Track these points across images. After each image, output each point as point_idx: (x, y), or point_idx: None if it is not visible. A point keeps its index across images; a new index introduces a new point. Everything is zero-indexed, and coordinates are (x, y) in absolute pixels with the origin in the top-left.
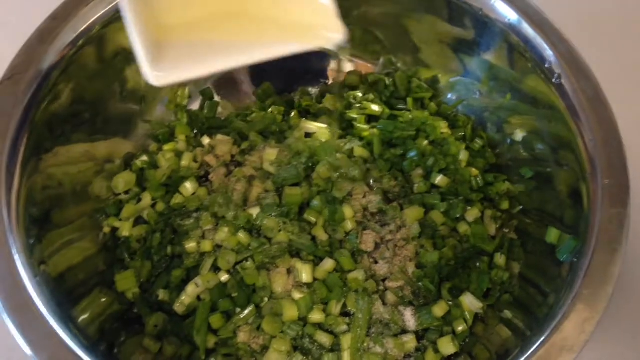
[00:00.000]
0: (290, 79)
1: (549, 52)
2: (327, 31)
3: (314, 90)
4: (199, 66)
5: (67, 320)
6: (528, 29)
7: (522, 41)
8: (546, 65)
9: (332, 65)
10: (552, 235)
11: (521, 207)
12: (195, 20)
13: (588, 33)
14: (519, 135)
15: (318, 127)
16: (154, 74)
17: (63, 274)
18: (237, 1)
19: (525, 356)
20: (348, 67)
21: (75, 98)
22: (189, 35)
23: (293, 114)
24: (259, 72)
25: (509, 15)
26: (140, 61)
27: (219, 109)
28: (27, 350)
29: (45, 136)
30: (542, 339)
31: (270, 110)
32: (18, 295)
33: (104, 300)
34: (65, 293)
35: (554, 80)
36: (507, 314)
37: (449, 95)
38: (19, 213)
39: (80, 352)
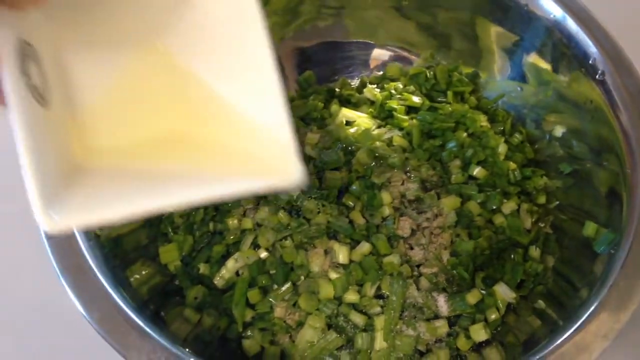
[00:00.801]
0: (332, 68)
1: (592, 49)
2: (284, 170)
3: (354, 81)
4: (117, 207)
5: (117, 284)
6: (572, 25)
7: (566, 37)
8: (590, 62)
9: (374, 55)
10: (590, 228)
11: (558, 202)
12: (128, 143)
13: (632, 31)
14: (559, 131)
15: (358, 116)
16: (51, 213)
17: (114, 241)
18: (182, 121)
19: (560, 341)
20: (389, 59)
21: None
22: (115, 162)
23: (334, 102)
24: (303, 59)
25: (554, 11)
26: (32, 197)
27: None
28: (80, 309)
29: None
30: (577, 325)
31: (311, 98)
32: (72, 257)
33: (146, 271)
34: (115, 259)
35: (597, 76)
36: (541, 304)
37: (489, 90)
38: None
39: (129, 312)
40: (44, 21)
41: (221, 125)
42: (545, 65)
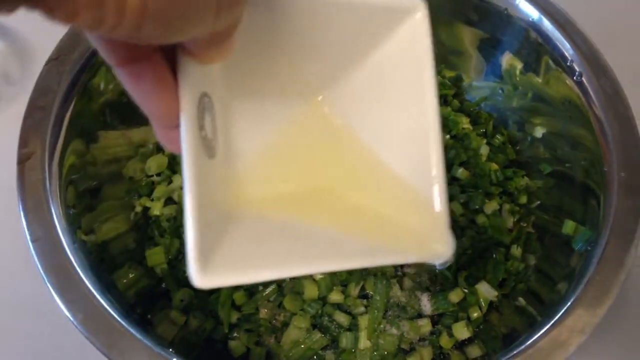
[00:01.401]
0: None
1: (570, 51)
2: (434, 243)
3: None
4: (262, 271)
5: (104, 287)
6: (550, 27)
7: (544, 39)
8: (567, 64)
9: None
10: (569, 226)
11: (539, 202)
12: (275, 198)
13: (608, 33)
14: (539, 132)
15: None
16: (205, 273)
17: (100, 246)
18: (336, 182)
19: (536, 337)
20: None
21: (115, 84)
22: (262, 217)
23: None
24: None
25: (532, 13)
26: (190, 251)
27: None
28: (63, 308)
29: (87, 116)
30: (553, 321)
31: None
32: (57, 259)
33: (132, 275)
34: (101, 263)
35: (574, 78)
36: (521, 301)
37: (472, 93)
38: (61, 186)
39: (113, 312)
40: (220, 72)
41: (376, 191)
42: (523, 67)
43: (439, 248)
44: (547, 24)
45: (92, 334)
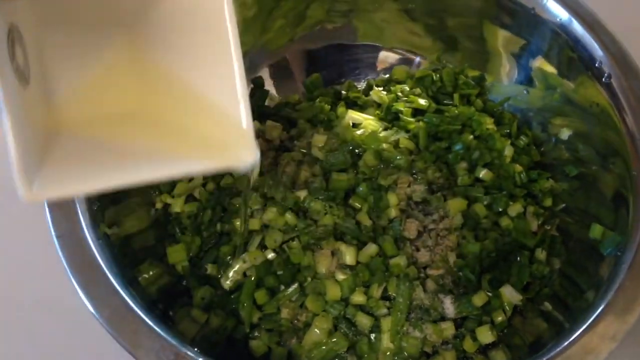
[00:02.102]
0: (339, 71)
1: (599, 52)
2: (240, 151)
3: (360, 84)
4: (84, 182)
5: (127, 283)
6: (579, 28)
7: (572, 40)
8: (596, 65)
9: (381, 58)
10: (596, 231)
11: (564, 204)
12: (96, 118)
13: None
14: (565, 134)
15: (364, 118)
16: (30, 188)
17: (122, 241)
18: (148, 103)
19: (566, 343)
20: (396, 62)
21: None
22: (84, 135)
23: (340, 104)
24: (310, 62)
25: (561, 14)
26: (15, 168)
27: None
28: (90, 307)
29: None
30: (583, 328)
31: (317, 100)
32: (82, 256)
33: (154, 272)
34: (124, 257)
35: (603, 80)
36: (547, 306)
37: (495, 93)
38: None
39: (137, 309)
40: (28, 3)
41: (185, 108)
42: (551, 68)
43: (244, 154)
44: (575, 25)
45: (118, 332)
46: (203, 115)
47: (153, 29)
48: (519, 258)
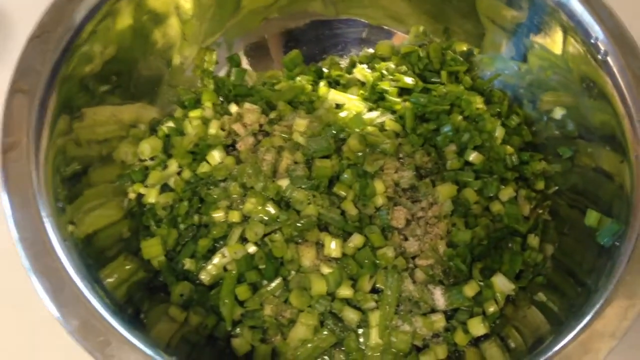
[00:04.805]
0: (320, 47)
1: (596, 28)
2: None
3: (343, 60)
4: None
5: (95, 284)
6: (576, 5)
7: (569, 16)
8: (592, 41)
9: (364, 34)
10: (592, 217)
11: (556, 187)
12: None
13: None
14: (559, 113)
15: (348, 99)
16: None
17: (90, 238)
18: None
19: (565, 341)
20: (380, 37)
21: (103, 58)
22: None
23: (322, 84)
24: (290, 39)
25: None
26: None
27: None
28: (56, 313)
29: (73, 96)
30: (583, 324)
31: (298, 79)
32: (47, 259)
33: (128, 267)
34: (92, 257)
35: (599, 56)
36: (541, 296)
37: (483, 69)
38: (47, 174)
39: (108, 317)
40: None
41: None
42: (547, 44)
43: None
44: (572, 1)
45: (88, 343)
46: None
47: None
48: (510, 245)
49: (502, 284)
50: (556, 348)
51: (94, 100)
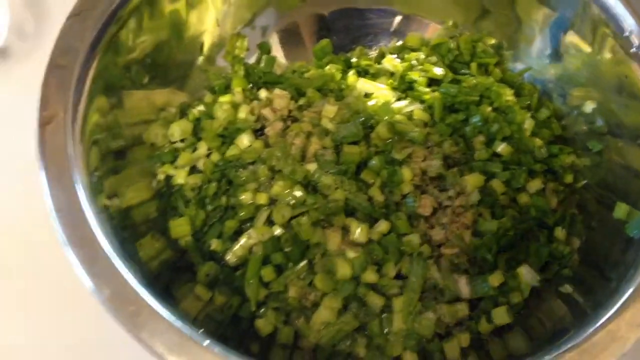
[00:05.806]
0: (350, 37)
1: (630, 21)
2: None
3: (372, 51)
4: None
5: (127, 258)
6: None
7: (602, 10)
8: (626, 34)
9: (395, 25)
10: (621, 210)
11: (585, 181)
12: None
13: None
14: (589, 106)
15: (377, 88)
16: None
17: (122, 213)
18: None
19: (591, 330)
20: (410, 28)
21: (139, 40)
22: None
23: (351, 73)
24: (321, 27)
25: None
26: None
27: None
28: (89, 283)
29: (109, 75)
30: (610, 314)
31: (327, 67)
32: (82, 230)
33: (156, 245)
34: (125, 231)
35: (632, 49)
36: (567, 288)
37: (515, 63)
38: (83, 149)
39: (139, 288)
40: None
41: None
42: (579, 38)
43: None
44: None
45: (119, 313)
46: None
47: None
48: (537, 237)
49: (527, 275)
50: (583, 336)
51: (129, 82)
